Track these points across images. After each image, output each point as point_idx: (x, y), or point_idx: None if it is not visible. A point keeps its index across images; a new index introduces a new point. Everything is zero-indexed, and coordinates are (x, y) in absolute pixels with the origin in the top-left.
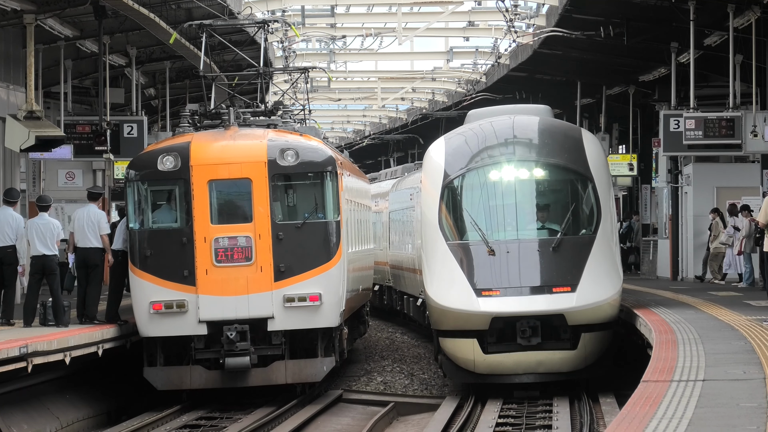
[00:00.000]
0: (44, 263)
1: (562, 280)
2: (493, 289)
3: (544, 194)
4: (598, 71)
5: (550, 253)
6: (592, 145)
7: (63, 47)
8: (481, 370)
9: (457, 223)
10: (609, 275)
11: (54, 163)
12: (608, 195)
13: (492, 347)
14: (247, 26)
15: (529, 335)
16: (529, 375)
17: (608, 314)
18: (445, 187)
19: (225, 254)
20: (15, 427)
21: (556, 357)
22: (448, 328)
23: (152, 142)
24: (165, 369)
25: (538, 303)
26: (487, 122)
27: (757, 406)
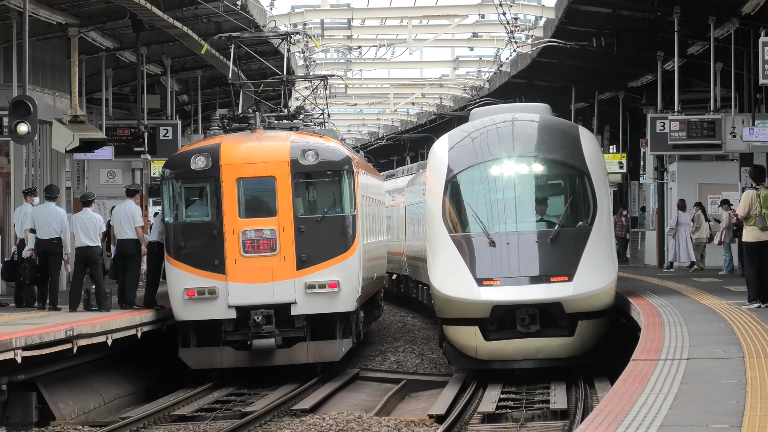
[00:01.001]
0: (87, 254)
1: (559, 270)
2: (493, 279)
3: (543, 188)
4: (591, 78)
5: (548, 245)
6: (588, 141)
7: (104, 57)
8: (482, 356)
9: (460, 216)
10: (604, 265)
11: (96, 162)
12: (604, 189)
13: (493, 334)
14: (271, 38)
15: (528, 323)
16: (528, 361)
17: (604, 302)
18: (449, 181)
19: (252, 245)
20: (62, 403)
21: (554, 344)
22: (451, 316)
23: (185, 144)
24: (198, 350)
25: (537, 292)
26: (489, 120)
27: (736, 382)
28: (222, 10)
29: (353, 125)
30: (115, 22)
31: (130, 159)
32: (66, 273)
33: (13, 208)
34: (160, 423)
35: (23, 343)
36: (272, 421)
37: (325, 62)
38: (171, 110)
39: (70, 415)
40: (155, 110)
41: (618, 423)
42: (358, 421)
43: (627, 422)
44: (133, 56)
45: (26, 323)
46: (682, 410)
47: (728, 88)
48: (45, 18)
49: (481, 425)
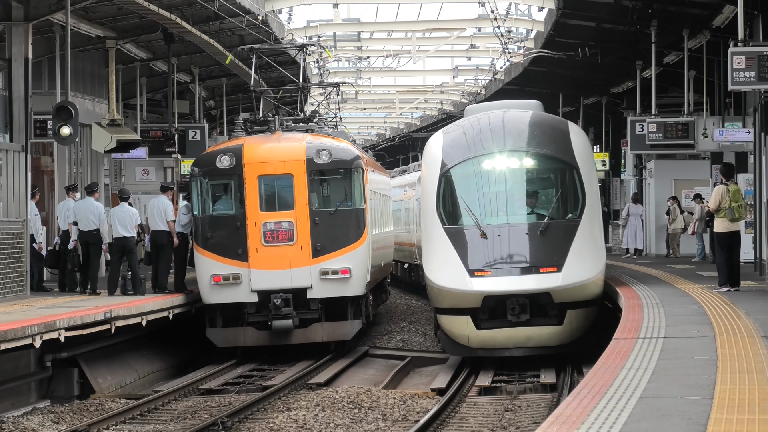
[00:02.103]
0: (124, 244)
1: (548, 261)
2: (485, 270)
3: (533, 182)
4: (576, 85)
5: (538, 236)
6: (577, 136)
7: (139, 67)
8: (474, 344)
9: (453, 208)
10: (593, 256)
11: (132, 161)
12: (592, 182)
13: (484, 323)
14: (289, 49)
15: (518, 312)
16: (518, 349)
17: (592, 292)
18: (442, 176)
19: (272, 236)
20: (101, 378)
21: (543, 332)
22: (444, 306)
23: (212, 145)
24: (223, 330)
25: (527, 282)
26: (482, 116)
27: (708, 358)
28: (245, 25)
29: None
30: (148, 35)
31: (162, 158)
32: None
33: (56, 203)
34: (190, 396)
35: (66, 324)
36: (290, 394)
37: (337, 71)
38: (199, 114)
39: (109, 389)
40: (184, 114)
41: (602, 395)
42: (367, 394)
43: (610, 394)
44: (164, 66)
45: (69, 306)
46: (660, 383)
47: (700, 94)
48: (85, 31)
49: (478, 397)
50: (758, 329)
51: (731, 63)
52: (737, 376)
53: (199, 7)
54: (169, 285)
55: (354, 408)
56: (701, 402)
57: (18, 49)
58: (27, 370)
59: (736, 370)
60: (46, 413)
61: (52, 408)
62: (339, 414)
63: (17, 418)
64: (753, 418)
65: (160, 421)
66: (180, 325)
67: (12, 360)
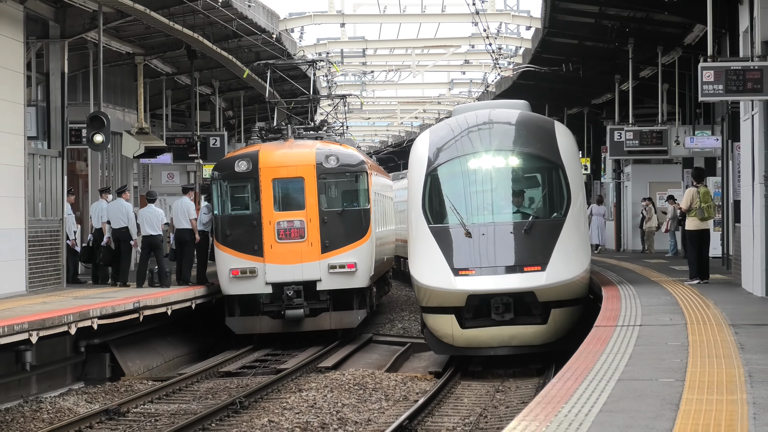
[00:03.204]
0: (151, 241)
1: (533, 260)
2: (469, 269)
3: (518, 181)
4: (561, 96)
5: (522, 235)
6: (563, 136)
7: (164, 80)
8: (459, 343)
9: (439, 207)
10: (577, 255)
11: (158, 166)
12: (578, 181)
13: (468, 322)
14: (300, 64)
15: (503, 311)
16: (503, 348)
17: (576, 291)
18: (428, 174)
19: (285, 233)
20: (130, 362)
21: (528, 331)
22: (429, 305)
23: (231, 151)
24: (241, 318)
25: (511, 281)
26: (469, 115)
27: (680, 344)
28: (260, 42)
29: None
30: (173, 51)
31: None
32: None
33: (90, 204)
34: (211, 378)
35: (99, 313)
36: (301, 377)
37: (344, 84)
38: (219, 123)
39: (137, 372)
40: (206, 123)
41: (584, 377)
42: (371, 377)
43: (591, 376)
44: (187, 79)
45: (101, 297)
46: (636, 367)
47: (673, 105)
48: (116, 48)
49: (472, 380)
50: (726, 318)
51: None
52: (707, 360)
53: (219, 26)
54: (192, 278)
55: (359, 389)
56: (674, 384)
57: (55, 64)
58: (63, 355)
59: (706, 355)
60: (80, 394)
61: (86, 389)
62: (346, 395)
63: (54, 399)
64: (721, 398)
65: (184, 401)
66: (202, 314)
67: (50, 346)
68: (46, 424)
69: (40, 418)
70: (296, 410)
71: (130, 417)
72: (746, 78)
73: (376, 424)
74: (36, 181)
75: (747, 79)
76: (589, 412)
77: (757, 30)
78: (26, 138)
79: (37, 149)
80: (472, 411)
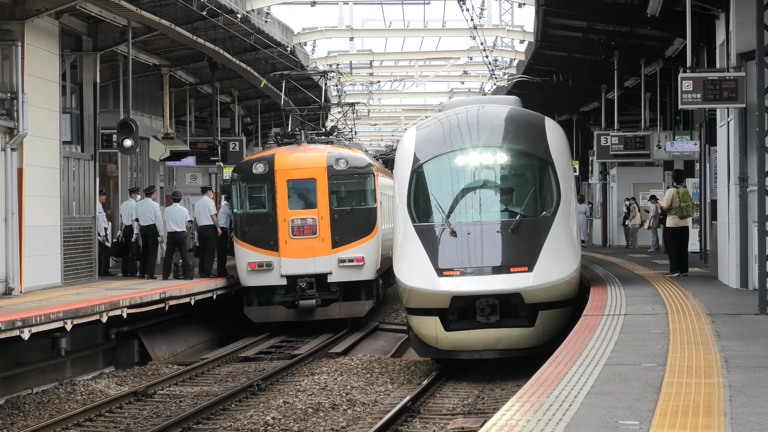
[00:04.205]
0: (176, 237)
1: (519, 261)
2: (453, 269)
3: (506, 178)
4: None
5: (509, 235)
6: (554, 132)
7: (188, 90)
8: (443, 346)
9: (424, 205)
10: (566, 255)
11: (182, 168)
12: (568, 179)
13: (453, 325)
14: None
15: (488, 313)
16: (489, 351)
17: (565, 292)
18: (414, 171)
19: (298, 230)
20: (156, 348)
21: (514, 334)
22: (413, 307)
23: (249, 155)
24: (258, 308)
25: (496, 282)
26: (458, 110)
27: (661, 332)
28: (276, 55)
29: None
30: (196, 63)
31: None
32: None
33: (120, 203)
34: (230, 362)
35: (128, 303)
36: (314, 362)
37: (352, 93)
38: (238, 129)
39: (163, 357)
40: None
41: (573, 362)
42: (378, 361)
43: (580, 362)
44: (209, 89)
45: (130, 288)
46: (621, 353)
47: (655, 112)
48: (144, 60)
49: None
50: (703, 308)
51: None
52: (686, 346)
53: (238, 40)
54: (213, 271)
55: (367, 373)
56: (656, 368)
57: (88, 74)
58: (95, 342)
59: (685, 341)
60: (111, 377)
61: (116, 373)
62: (354, 378)
63: (87, 381)
64: (699, 381)
65: (206, 384)
66: (222, 304)
67: (83, 333)
68: (79, 405)
69: (74, 400)
70: (309, 392)
71: (156, 398)
72: (722, 87)
73: (382, 404)
74: (70, 182)
75: (723, 88)
76: (578, 394)
77: (732, 43)
78: (61, 142)
79: (71, 153)
80: (470, 393)
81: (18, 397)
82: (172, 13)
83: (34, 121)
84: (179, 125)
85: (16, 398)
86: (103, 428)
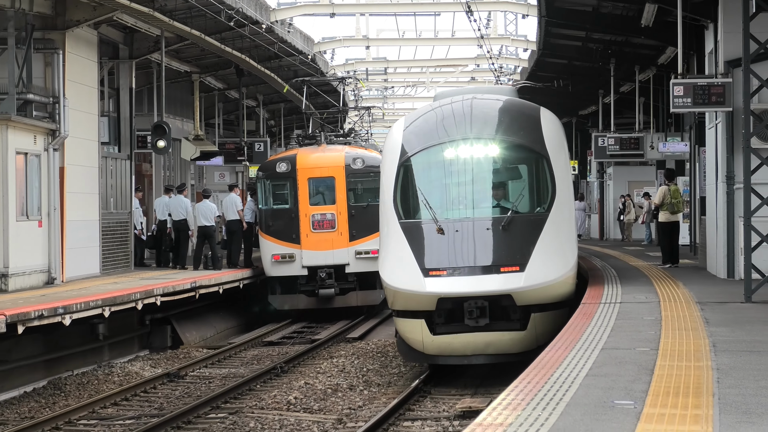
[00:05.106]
0: (205, 231)
1: (510, 260)
2: (440, 269)
3: (498, 172)
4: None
5: (500, 232)
6: (549, 123)
7: (216, 95)
8: (430, 351)
9: (411, 201)
10: (561, 254)
11: (211, 167)
12: (565, 173)
13: (440, 328)
14: (331, 81)
15: (477, 316)
16: (478, 356)
17: (559, 294)
18: (401, 165)
19: (318, 224)
20: (188, 333)
21: (505, 338)
22: (399, 309)
23: (272, 154)
24: (281, 296)
25: (485, 283)
26: (448, 101)
27: (654, 319)
28: (298, 62)
29: None
30: (224, 70)
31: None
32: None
33: (154, 199)
34: (256, 346)
35: (161, 291)
36: (332, 346)
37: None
38: (262, 131)
39: (194, 341)
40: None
41: (572, 347)
42: (392, 346)
43: (579, 346)
44: (236, 94)
45: (163, 278)
46: (617, 338)
47: (648, 115)
48: (176, 67)
49: None
50: (693, 297)
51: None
52: (677, 332)
53: (263, 49)
54: (240, 262)
55: (381, 356)
56: (649, 352)
57: (124, 80)
58: (131, 327)
59: (676, 327)
60: (146, 360)
61: (150, 356)
62: (370, 361)
63: (124, 364)
64: (689, 364)
65: (233, 366)
66: (248, 293)
67: (120, 319)
68: (116, 385)
69: (112, 381)
70: (328, 374)
71: (187, 379)
72: (711, 92)
73: (396, 386)
74: (108, 180)
75: (711, 93)
76: (577, 376)
77: (720, 52)
78: (100, 143)
79: (109, 153)
80: (477, 375)
81: (60, 378)
82: (202, 24)
83: (74, 123)
84: (208, 127)
85: (57, 379)
86: (138, 407)
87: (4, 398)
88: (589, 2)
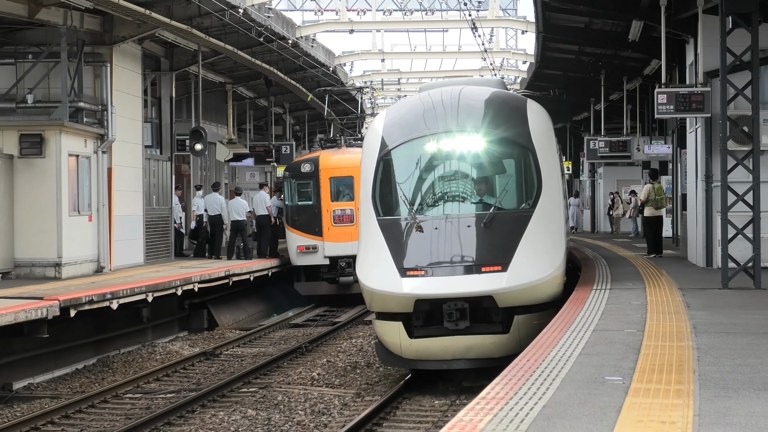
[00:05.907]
0: (238, 224)
1: (492, 259)
2: (418, 269)
3: (480, 167)
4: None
5: (482, 230)
6: (536, 116)
7: (248, 103)
8: (408, 355)
9: (390, 197)
10: (547, 252)
11: (243, 168)
12: (552, 168)
13: (418, 331)
14: (350, 90)
15: (457, 318)
16: (458, 361)
17: (545, 294)
18: (381, 159)
19: (339, 219)
20: (222, 316)
21: (486, 342)
22: (376, 310)
23: (298, 156)
24: (306, 284)
25: (465, 284)
26: (434, 92)
27: (640, 304)
28: (320, 74)
29: None
30: (254, 81)
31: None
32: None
33: (192, 196)
34: (283, 328)
35: (199, 279)
36: (352, 328)
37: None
38: (289, 135)
39: (227, 324)
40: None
41: (567, 328)
42: None
43: (572, 328)
44: (265, 102)
45: (201, 267)
46: (607, 321)
47: (635, 121)
48: (211, 79)
49: None
50: (675, 283)
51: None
52: (661, 315)
53: (289, 62)
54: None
55: None
56: (636, 333)
57: (165, 90)
58: (172, 311)
59: (661, 311)
60: (185, 340)
61: (189, 337)
62: None
63: (165, 344)
64: (672, 344)
65: (263, 345)
66: (276, 280)
67: (162, 304)
68: (158, 363)
69: (154, 359)
70: (348, 353)
71: (222, 357)
72: (691, 100)
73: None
74: (151, 179)
75: (692, 101)
76: (571, 354)
77: (700, 63)
78: (144, 146)
79: (151, 155)
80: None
81: (107, 356)
82: (235, 40)
83: (121, 128)
84: (240, 132)
85: (106, 357)
86: (178, 382)
87: (58, 374)
88: (582, 19)
